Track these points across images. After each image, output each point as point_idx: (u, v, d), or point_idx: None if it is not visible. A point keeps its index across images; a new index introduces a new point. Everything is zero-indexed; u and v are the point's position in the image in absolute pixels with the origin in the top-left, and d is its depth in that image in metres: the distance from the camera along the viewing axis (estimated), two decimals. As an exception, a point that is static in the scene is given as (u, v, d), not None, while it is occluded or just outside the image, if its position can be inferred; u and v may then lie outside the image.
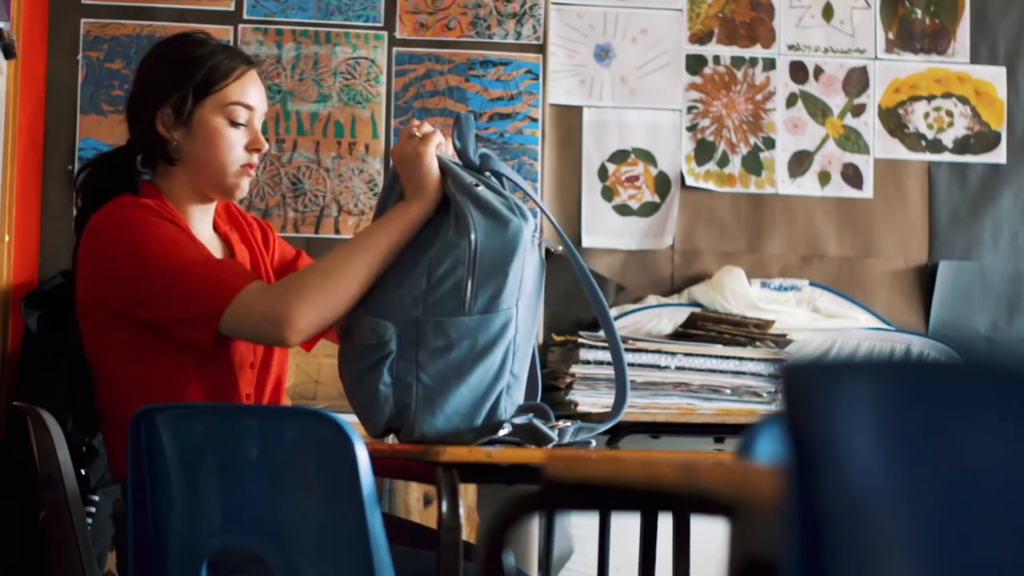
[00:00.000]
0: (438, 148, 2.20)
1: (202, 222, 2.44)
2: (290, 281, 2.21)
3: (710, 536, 1.61)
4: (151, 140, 2.39)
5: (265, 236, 2.55)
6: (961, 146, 4.48)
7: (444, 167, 2.20)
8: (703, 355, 3.82)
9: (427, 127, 2.21)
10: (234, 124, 2.37)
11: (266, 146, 2.40)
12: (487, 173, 2.20)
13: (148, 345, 2.29)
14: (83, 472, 3.52)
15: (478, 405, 2.15)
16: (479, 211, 2.14)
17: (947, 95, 4.49)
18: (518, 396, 2.20)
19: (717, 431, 3.76)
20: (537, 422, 2.14)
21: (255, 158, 2.39)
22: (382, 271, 2.18)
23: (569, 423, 2.19)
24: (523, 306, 2.16)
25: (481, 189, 2.16)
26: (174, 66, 2.38)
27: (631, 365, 3.75)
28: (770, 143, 4.40)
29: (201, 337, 2.22)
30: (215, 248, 2.44)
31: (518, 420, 2.15)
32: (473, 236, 2.13)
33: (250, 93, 2.39)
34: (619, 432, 3.76)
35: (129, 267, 2.27)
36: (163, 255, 2.24)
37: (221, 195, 2.41)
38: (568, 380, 3.71)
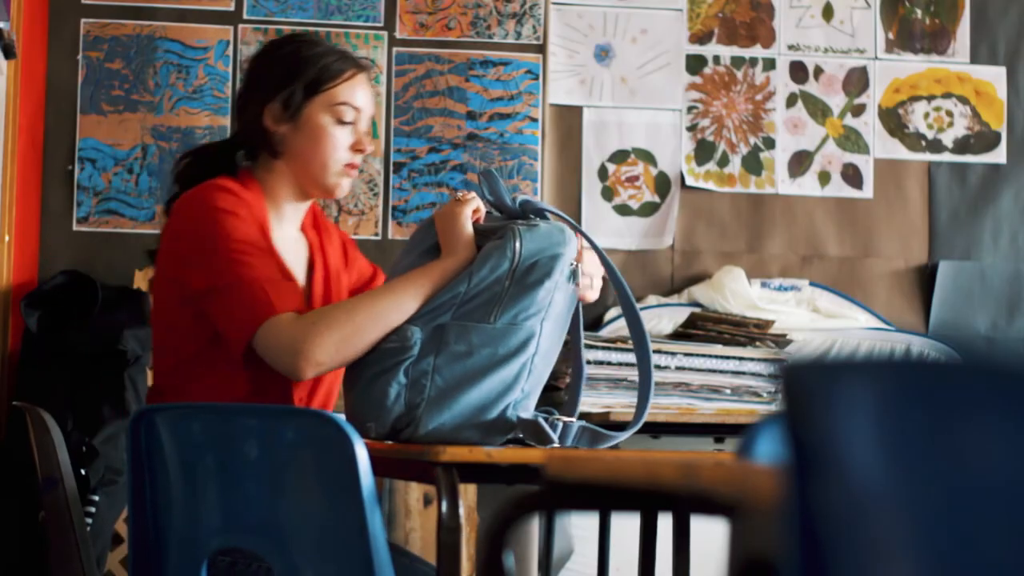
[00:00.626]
0: (475, 213, 2.26)
1: (291, 220, 2.47)
2: (317, 315, 2.24)
3: (710, 536, 1.61)
4: (257, 133, 2.42)
5: (346, 252, 2.57)
6: (961, 146, 4.48)
7: (482, 227, 2.26)
8: (703, 355, 3.82)
9: (470, 194, 2.29)
10: (341, 123, 2.40)
11: (370, 148, 2.44)
12: (531, 216, 2.25)
13: (208, 332, 2.31)
14: (83, 472, 3.52)
15: (485, 410, 2.17)
16: (525, 229, 2.20)
17: (947, 95, 4.49)
18: (525, 414, 2.22)
19: (717, 431, 3.76)
20: (541, 420, 2.15)
21: (358, 159, 2.43)
22: (407, 318, 2.21)
23: (574, 420, 2.20)
24: (548, 328, 2.20)
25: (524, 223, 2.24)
26: (286, 62, 2.42)
27: (631, 365, 3.75)
28: (770, 143, 4.40)
29: (235, 347, 2.25)
30: (298, 250, 2.47)
31: (524, 415, 2.17)
32: (518, 245, 2.17)
33: (358, 95, 2.43)
34: (619, 432, 3.76)
35: (198, 256, 2.30)
36: (230, 258, 2.27)
37: (321, 192, 2.45)
38: (568, 380, 3.71)
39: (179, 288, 2.33)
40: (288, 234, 2.45)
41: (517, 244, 2.18)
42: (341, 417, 1.87)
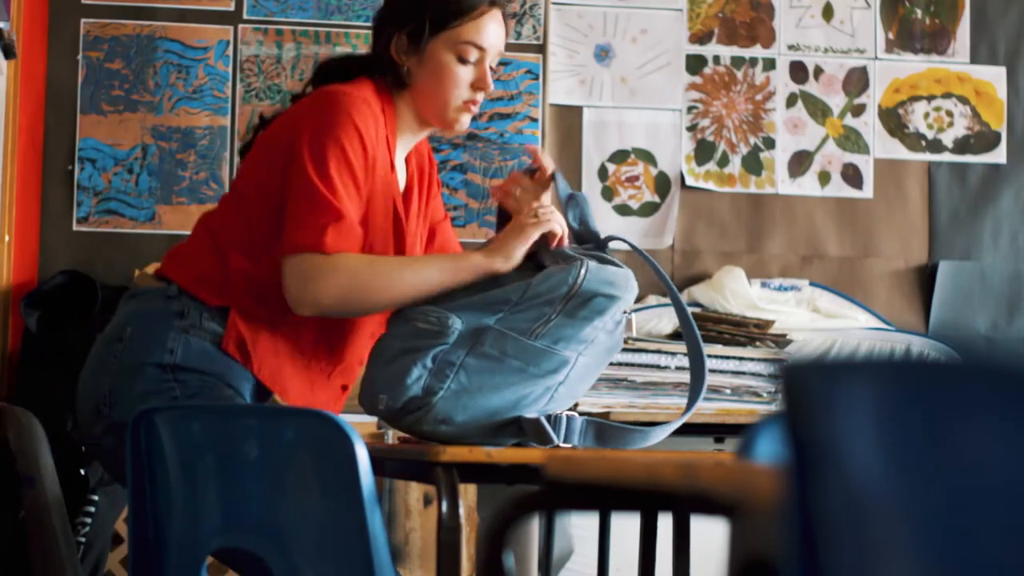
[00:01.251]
0: (556, 239, 2.28)
1: (405, 147, 2.49)
2: (344, 259, 2.24)
3: (710, 536, 1.61)
4: (386, 60, 2.44)
5: (429, 187, 2.58)
6: (961, 146, 4.48)
7: (559, 251, 2.27)
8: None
9: (554, 216, 2.29)
10: (463, 62, 2.41)
11: (491, 86, 2.45)
12: (608, 249, 2.28)
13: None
14: (83, 472, 3.52)
15: (496, 417, 2.18)
16: (596, 265, 2.22)
17: (947, 95, 4.49)
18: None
19: (717, 431, 3.76)
20: (543, 419, 2.15)
21: (479, 96, 2.44)
22: (423, 300, 2.22)
23: (577, 415, 2.20)
24: (583, 362, 2.21)
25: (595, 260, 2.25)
26: None
27: (631, 365, 3.75)
28: (770, 143, 4.40)
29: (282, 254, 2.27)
30: (401, 177, 2.48)
31: (528, 414, 2.17)
32: (582, 274, 2.19)
33: (485, 34, 2.42)
34: (619, 432, 3.76)
35: (312, 148, 2.29)
36: (328, 169, 2.27)
37: (441, 125, 2.47)
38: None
39: (290, 153, 2.32)
40: (398, 160, 2.47)
41: (581, 273, 2.18)
42: (341, 417, 1.87)
